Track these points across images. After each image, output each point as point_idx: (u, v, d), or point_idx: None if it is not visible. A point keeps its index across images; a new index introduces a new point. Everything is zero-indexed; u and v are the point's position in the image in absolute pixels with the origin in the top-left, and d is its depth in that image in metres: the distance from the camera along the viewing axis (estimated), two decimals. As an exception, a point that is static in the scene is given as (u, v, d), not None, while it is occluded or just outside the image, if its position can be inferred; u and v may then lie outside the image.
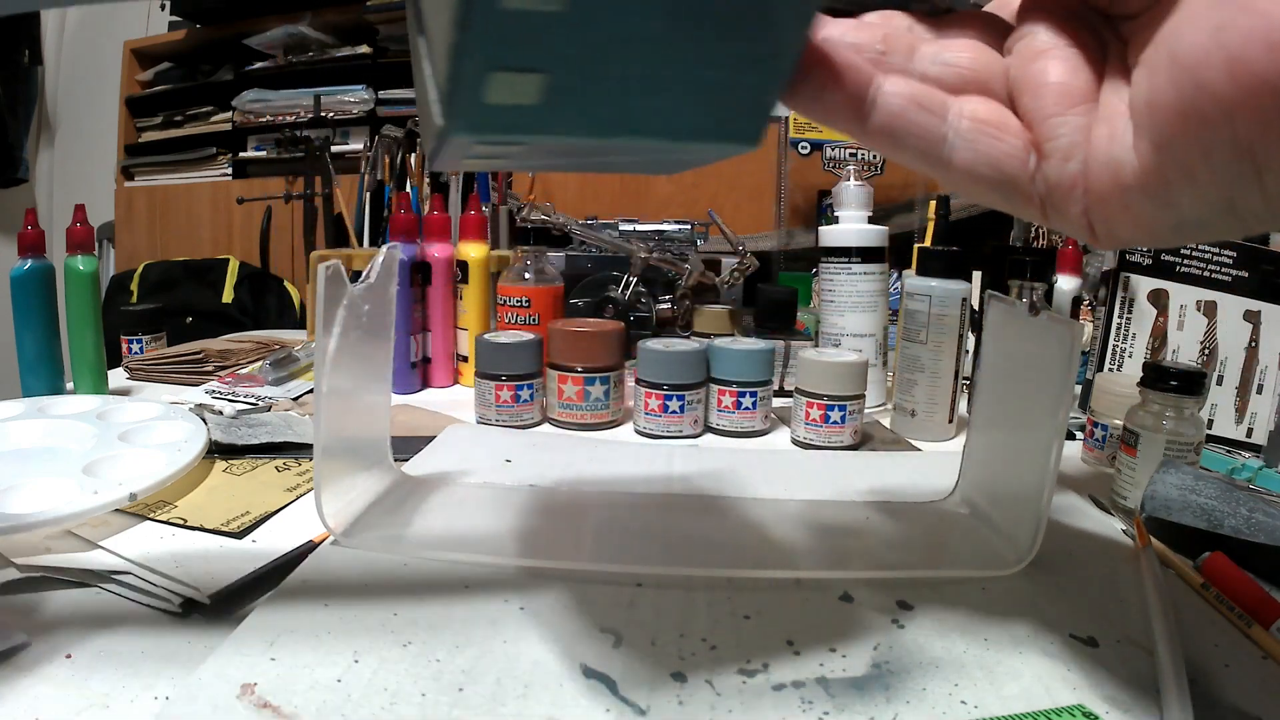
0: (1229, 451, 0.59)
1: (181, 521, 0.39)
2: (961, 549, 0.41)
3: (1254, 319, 0.63)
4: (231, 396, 0.67)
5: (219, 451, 0.51)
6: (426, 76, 0.20)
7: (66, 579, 0.34)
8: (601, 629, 0.31)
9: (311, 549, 0.37)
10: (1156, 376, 0.46)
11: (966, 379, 0.65)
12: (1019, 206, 0.22)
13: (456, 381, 0.78)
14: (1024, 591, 0.36)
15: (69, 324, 0.64)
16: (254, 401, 0.65)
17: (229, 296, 1.60)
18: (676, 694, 0.27)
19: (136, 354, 0.82)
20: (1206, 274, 0.64)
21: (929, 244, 0.78)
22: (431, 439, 0.56)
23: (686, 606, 0.33)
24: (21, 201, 2.07)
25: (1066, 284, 0.73)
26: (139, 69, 2.05)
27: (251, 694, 0.26)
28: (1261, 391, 0.63)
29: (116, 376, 0.75)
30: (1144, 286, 0.66)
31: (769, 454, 0.58)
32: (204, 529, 0.39)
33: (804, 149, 1.05)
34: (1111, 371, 0.67)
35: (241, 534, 0.38)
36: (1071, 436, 0.61)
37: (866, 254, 0.69)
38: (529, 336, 0.63)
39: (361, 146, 1.59)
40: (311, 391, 0.66)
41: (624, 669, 0.29)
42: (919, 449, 0.60)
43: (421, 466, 0.51)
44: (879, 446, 0.60)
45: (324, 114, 1.81)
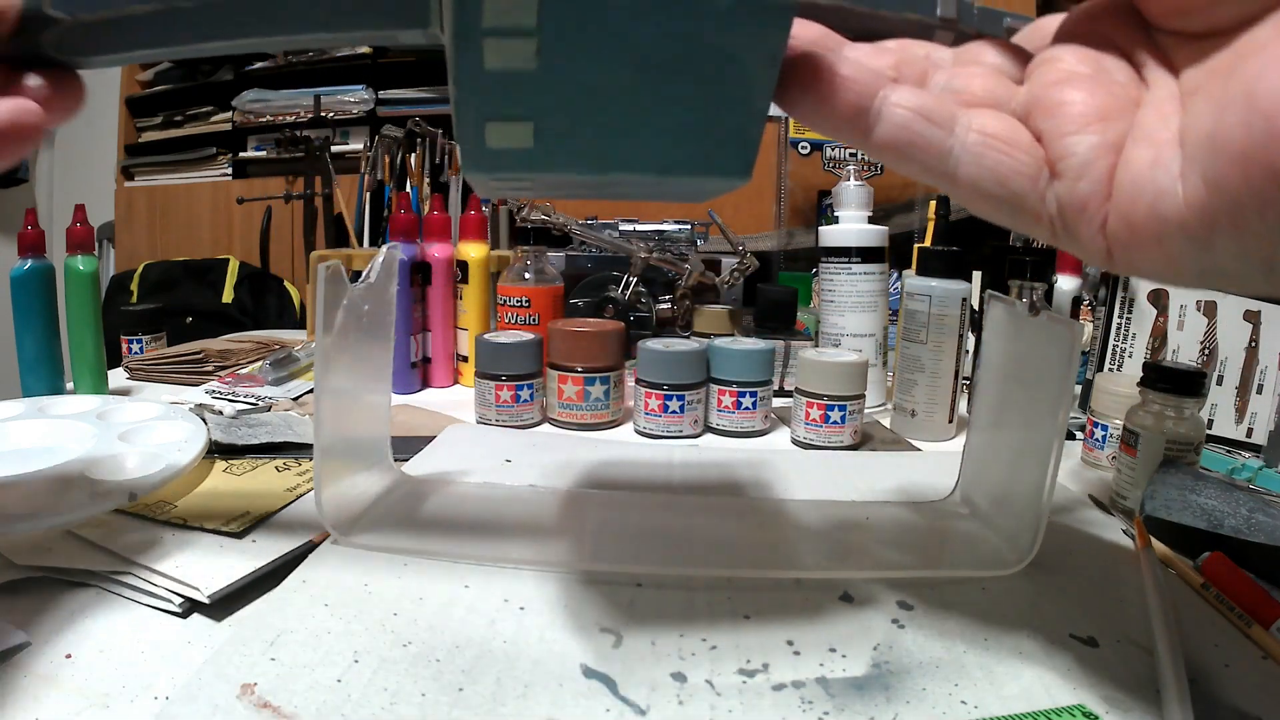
0: (1229, 451, 0.59)
1: (181, 521, 0.39)
2: (961, 549, 0.41)
3: (1254, 319, 0.63)
4: (231, 396, 0.67)
5: (219, 451, 0.51)
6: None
7: (66, 579, 0.34)
8: (601, 629, 0.31)
9: (311, 549, 0.37)
10: (1156, 376, 0.46)
11: (966, 379, 0.65)
12: (1028, 225, 0.21)
13: (456, 381, 0.78)
14: (1024, 591, 0.36)
15: (69, 324, 0.64)
16: (254, 401, 0.65)
17: (229, 296, 1.60)
18: (676, 694, 0.27)
19: (136, 354, 0.82)
20: (1206, 274, 0.64)
21: (929, 244, 0.78)
22: (431, 439, 0.56)
23: (686, 606, 0.33)
24: (21, 201, 2.07)
25: (1066, 284, 0.73)
26: (139, 69, 2.04)
27: (251, 694, 0.26)
28: (1261, 391, 0.63)
29: (116, 376, 0.75)
30: (1144, 286, 0.66)
31: (769, 454, 0.58)
32: (204, 529, 0.39)
33: (804, 149, 1.05)
34: (1111, 371, 0.67)
35: (241, 534, 0.38)
36: (1071, 436, 0.61)
37: (866, 254, 0.70)
38: (529, 336, 0.63)
39: (361, 146, 1.59)
40: (311, 391, 0.66)
41: (624, 669, 0.29)
42: (919, 449, 0.60)
43: (421, 466, 0.51)
44: (879, 446, 0.60)
45: (324, 114, 1.81)
